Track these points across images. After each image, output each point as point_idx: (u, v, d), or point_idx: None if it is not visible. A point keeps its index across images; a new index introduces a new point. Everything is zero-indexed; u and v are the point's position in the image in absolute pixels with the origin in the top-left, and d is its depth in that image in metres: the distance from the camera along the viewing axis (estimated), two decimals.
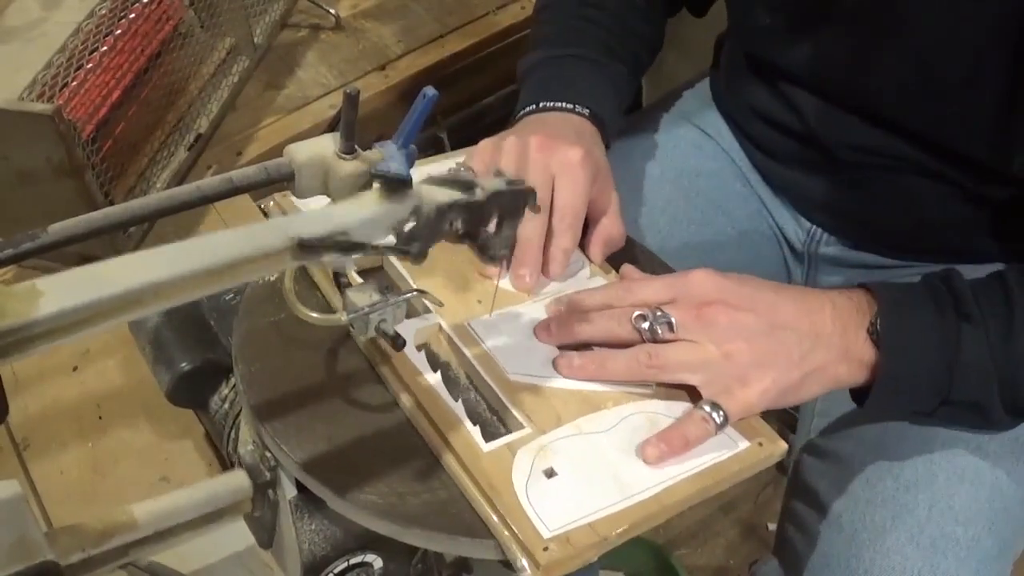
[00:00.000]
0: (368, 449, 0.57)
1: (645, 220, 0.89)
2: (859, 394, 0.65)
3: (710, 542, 1.41)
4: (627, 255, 0.73)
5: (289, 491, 0.59)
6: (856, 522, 0.73)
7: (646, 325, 0.61)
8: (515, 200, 0.55)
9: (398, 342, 0.54)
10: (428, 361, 0.60)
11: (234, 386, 0.70)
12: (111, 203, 0.91)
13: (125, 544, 0.54)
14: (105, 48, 0.92)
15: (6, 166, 0.85)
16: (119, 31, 0.94)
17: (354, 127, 0.49)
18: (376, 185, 0.49)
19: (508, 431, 0.58)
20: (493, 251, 0.56)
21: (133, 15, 0.95)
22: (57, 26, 0.91)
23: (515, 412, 0.58)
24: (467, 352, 0.61)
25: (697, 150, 0.94)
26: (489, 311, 0.64)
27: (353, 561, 0.60)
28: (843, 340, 0.62)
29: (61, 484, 0.78)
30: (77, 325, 0.39)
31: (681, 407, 0.60)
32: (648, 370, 0.60)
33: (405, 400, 0.58)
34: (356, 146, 0.49)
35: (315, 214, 0.48)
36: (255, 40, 1.15)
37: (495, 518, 0.53)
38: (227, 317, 0.72)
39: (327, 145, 0.49)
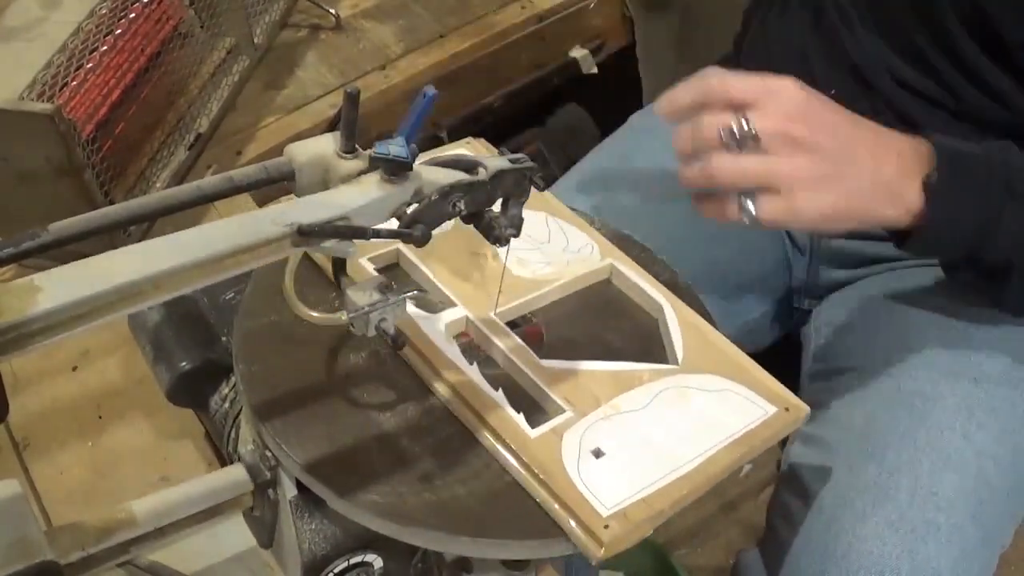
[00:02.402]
0: (368, 449, 0.57)
1: (645, 219, 0.89)
2: (898, 234, 0.68)
3: (710, 542, 1.41)
4: (626, 253, 0.73)
5: (289, 491, 0.59)
6: (837, 507, 0.73)
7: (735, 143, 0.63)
8: (519, 179, 0.55)
9: (398, 341, 0.54)
10: (463, 353, 0.61)
11: (234, 385, 0.70)
12: (111, 203, 0.91)
13: (125, 542, 0.54)
14: (105, 48, 0.92)
15: (6, 166, 0.85)
16: (119, 31, 0.94)
17: (354, 126, 0.48)
18: (376, 169, 0.49)
19: (549, 417, 0.58)
20: (499, 232, 0.55)
21: (133, 15, 0.95)
22: (57, 26, 0.91)
23: (555, 397, 0.59)
24: (499, 342, 0.62)
25: None
26: (495, 304, 0.65)
27: (353, 561, 0.60)
28: (899, 186, 0.65)
29: (61, 484, 0.78)
30: (76, 320, 0.39)
31: (711, 380, 0.62)
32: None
33: (445, 393, 0.59)
34: (356, 145, 0.49)
35: (315, 200, 0.47)
36: (255, 40, 1.15)
37: (553, 502, 0.53)
38: (227, 316, 0.72)
39: (327, 144, 0.49)
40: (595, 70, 1.34)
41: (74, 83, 0.87)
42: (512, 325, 0.65)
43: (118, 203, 0.44)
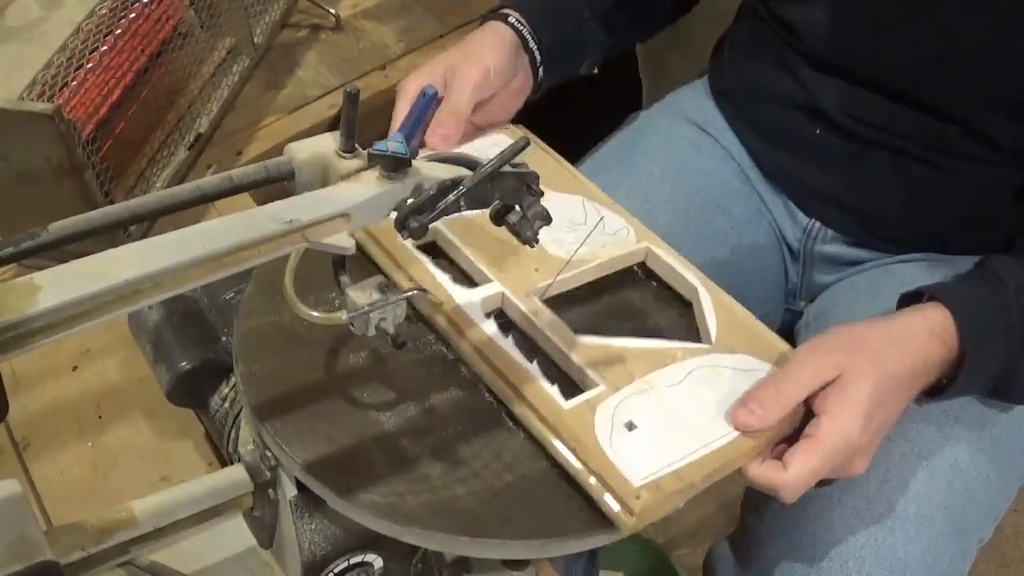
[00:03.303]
0: (368, 449, 0.57)
1: (645, 219, 0.89)
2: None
3: (710, 542, 1.40)
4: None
5: (289, 491, 0.59)
6: (804, 496, 0.73)
7: None
8: (517, 184, 0.55)
9: (397, 341, 0.54)
10: (499, 328, 0.63)
11: (234, 385, 0.70)
12: (111, 202, 0.91)
13: (125, 542, 0.54)
14: (105, 48, 0.92)
15: (6, 166, 0.85)
16: (119, 31, 0.94)
17: (354, 126, 0.49)
18: (376, 166, 0.49)
19: (582, 391, 0.60)
20: (529, 233, 0.56)
21: (133, 15, 0.95)
22: (57, 26, 0.91)
23: (588, 371, 0.60)
24: (534, 318, 0.64)
25: (696, 149, 0.94)
26: (531, 282, 0.66)
27: (353, 561, 0.60)
28: (930, 376, 0.65)
29: (61, 484, 0.78)
30: (76, 319, 0.39)
31: (743, 360, 0.63)
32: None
33: (481, 367, 0.60)
34: (356, 145, 0.49)
35: (315, 196, 0.47)
36: (255, 40, 1.15)
37: (584, 471, 0.55)
38: (227, 316, 0.72)
39: (327, 144, 0.49)
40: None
41: (74, 83, 0.87)
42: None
43: (118, 203, 0.44)
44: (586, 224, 0.72)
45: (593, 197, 0.76)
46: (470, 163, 0.53)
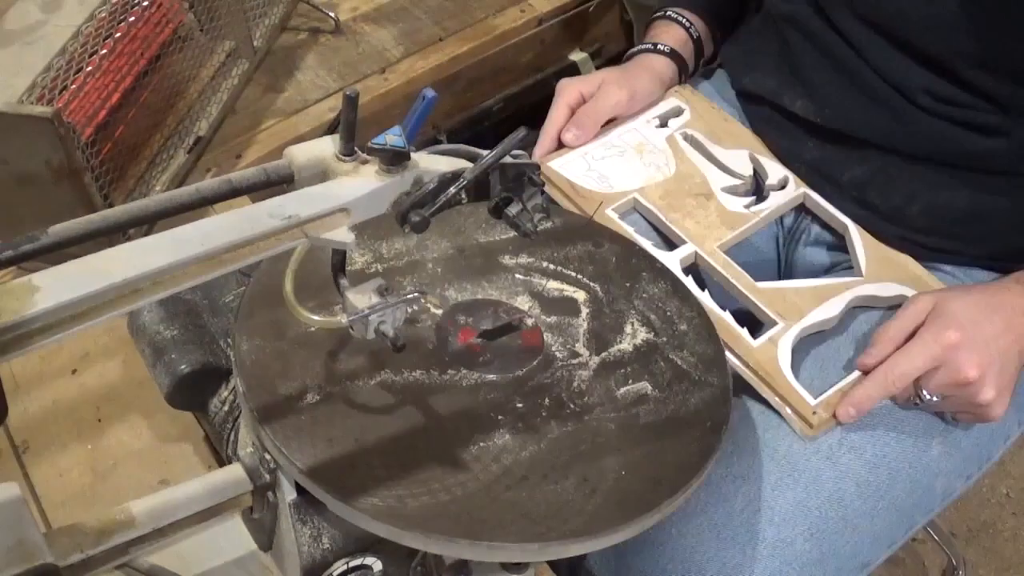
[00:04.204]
0: (367, 452, 0.57)
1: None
2: None
3: None
4: (626, 252, 0.73)
5: (289, 494, 0.59)
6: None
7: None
8: (518, 175, 0.55)
9: (397, 344, 0.54)
10: (695, 283, 0.76)
11: (233, 388, 0.70)
12: (110, 206, 0.91)
13: (124, 543, 0.54)
14: (105, 51, 0.92)
15: (5, 169, 0.85)
16: (119, 34, 0.94)
17: (354, 129, 0.49)
18: (375, 159, 0.49)
19: (765, 328, 0.77)
20: (528, 226, 0.56)
21: (133, 18, 0.95)
22: (57, 29, 0.91)
23: (768, 312, 0.77)
24: (721, 269, 0.80)
25: None
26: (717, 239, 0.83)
27: (353, 564, 0.60)
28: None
29: (60, 486, 0.78)
30: (76, 319, 0.39)
31: (886, 286, 0.80)
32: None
33: None
34: (356, 148, 0.49)
35: (313, 192, 0.47)
36: (255, 43, 1.15)
37: (776, 397, 0.73)
38: (227, 319, 0.72)
39: (327, 147, 0.49)
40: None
41: (74, 86, 0.87)
42: (508, 327, 0.65)
43: (117, 206, 0.44)
44: (751, 176, 0.89)
45: (756, 150, 0.91)
46: (470, 155, 0.53)
